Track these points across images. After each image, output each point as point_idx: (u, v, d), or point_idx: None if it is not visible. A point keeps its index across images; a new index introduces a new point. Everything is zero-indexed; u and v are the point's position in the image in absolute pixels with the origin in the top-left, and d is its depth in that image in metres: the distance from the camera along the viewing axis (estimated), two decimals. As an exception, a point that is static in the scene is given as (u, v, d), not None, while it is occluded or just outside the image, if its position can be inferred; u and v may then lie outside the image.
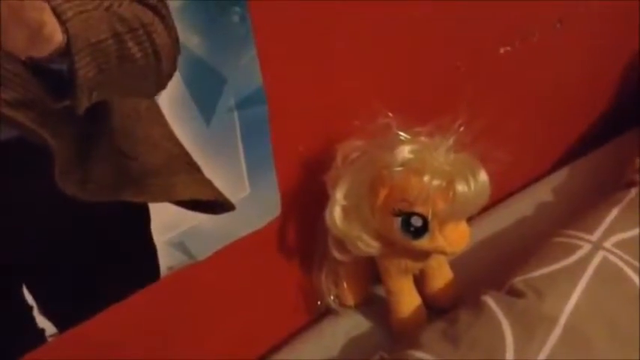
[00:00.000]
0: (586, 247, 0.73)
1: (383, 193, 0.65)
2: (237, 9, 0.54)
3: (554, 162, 1.06)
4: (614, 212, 0.78)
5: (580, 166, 1.03)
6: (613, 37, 1.01)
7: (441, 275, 0.79)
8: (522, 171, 1.02)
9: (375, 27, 0.67)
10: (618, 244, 0.73)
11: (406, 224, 0.64)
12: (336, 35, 0.65)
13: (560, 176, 1.01)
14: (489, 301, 0.67)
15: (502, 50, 0.85)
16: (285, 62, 0.62)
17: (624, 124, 1.07)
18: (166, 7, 0.49)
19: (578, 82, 1.01)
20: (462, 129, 0.64)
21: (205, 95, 0.56)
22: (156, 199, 0.57)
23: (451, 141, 0.63)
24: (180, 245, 0.62)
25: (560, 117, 1.02)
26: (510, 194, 0.99)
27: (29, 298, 0.54)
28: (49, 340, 0.57)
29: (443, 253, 0.68)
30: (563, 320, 0.64)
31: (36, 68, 0.45)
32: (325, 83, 0.67)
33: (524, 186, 1.01)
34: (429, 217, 0.63)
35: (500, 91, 0.89)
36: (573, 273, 0.69)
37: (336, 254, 0.71)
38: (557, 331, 0.63)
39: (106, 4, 0.46)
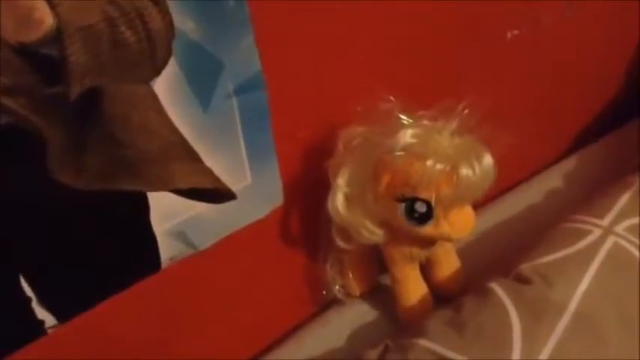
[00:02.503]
0: (596, 232, 0.71)
1: (386, 179, 0.63)
2: (233, -8, 0.53)
3: (564, 148, 1.05)
4: (625, 197, 0.77)
5: (591, 153, 1.01)
6: (623, 20, 0.99)
7: (448, 263, 0.77)
8: (532, 158, 1.00)
9: (376, 9, 0.66)
10: (630, 229, 0.72)
11: (410, 210, 0.63)
12: (337, 19, 0.64)
13: (570, 163, 1.00)
14: (496, 287, 0.66)
15: (509, 34, 0.84)
16: (285, 46, 0.61)
17: (635, 109, 1.05)
18: (160, -10, 0.48)
19: (588, 67, 1.00)
20: (466, 112, 0.62)
21: (202, 81, 0.55)
22: (154, 188, 0.56)
23: (454, 124, 0.62)
24: (181, 235, 0.61)
25: (569, 102, 1.01)
26: (520, 181, 0.98)
27: (28, 289, 0.54)
28: (49, 331, 0.57)
29: (448, 239, 0.67)
30: (572, 307, 0.63)
31: (26, 53, 0.44)
32: (326, 68, 0.65)
33: (534, 173, 0.99)
34: (433, 203, 0.62)
35: (507, 76, 0.87)
36: (583, 259, 0.68)
37: (341, 243, 0.70)
38: (566, 318, 0.62)
39: (97, -13, 0.45)
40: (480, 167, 0.61)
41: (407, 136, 0.61)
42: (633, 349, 0.63)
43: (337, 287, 0.77)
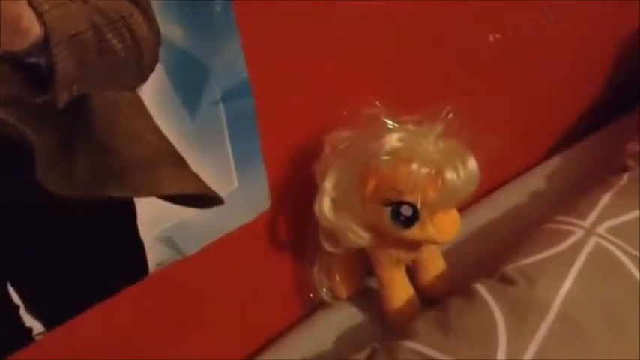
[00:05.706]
0: (578, 233, 0.72)
1: (372, 183, 0.64)
2: (219, -1, 0.54)
3: (547, 150, 1.06)
4: (607, 198, 0.78)
5: (573, 154, 1.02)
6: (604, 25, 1.01)
7: (434, 266, 0.78)
8: (515, 160, 1.01)
9: (361, 15, 0.66)
10: (611, 230, 0.73)
11: (396, 214, 0.64)
12: (322, 24, 0.64)
13: (552, 164, 1.01)
14: (480, 288, 0.67)
15: (492, 38, 0.85)
16: (271, 53, 0.61)
17: (616, 110, 1.06)
18: (146, -2, 0.49)
19: (570, 70, 1.01)
20: (450, 117, 0.63)
21: (189, 87, 0.55)
22: (141, 194, 0.56)
23: (439, 129, 0.63)
24: (168, 240, 0.62)
25: (551, 105, 1.02)
26: (503, 183, 0.99)
27: (15, 296, 0.54)
28: (37, 338, 0.57)
29: (433, 242, 0.68)
30: (555, 307, 0.64)
31: (14, 62, 0.44)
32: (312, 73, 0.66)
33: (517, 175, 1.00)
34: (419, 206, 0.63)
35: (490, 79, 0.88)
36: (565, 259, 0.69)
37: (327, 246, 0.71)
38: (550, 318, 0.63)
39: (83, -5, 0.46)
40: (465, 171, 0.62)
41: (392, 140, 0.62)
42: (616, 348, 0.63)
43: (324, 290, 0.77)
